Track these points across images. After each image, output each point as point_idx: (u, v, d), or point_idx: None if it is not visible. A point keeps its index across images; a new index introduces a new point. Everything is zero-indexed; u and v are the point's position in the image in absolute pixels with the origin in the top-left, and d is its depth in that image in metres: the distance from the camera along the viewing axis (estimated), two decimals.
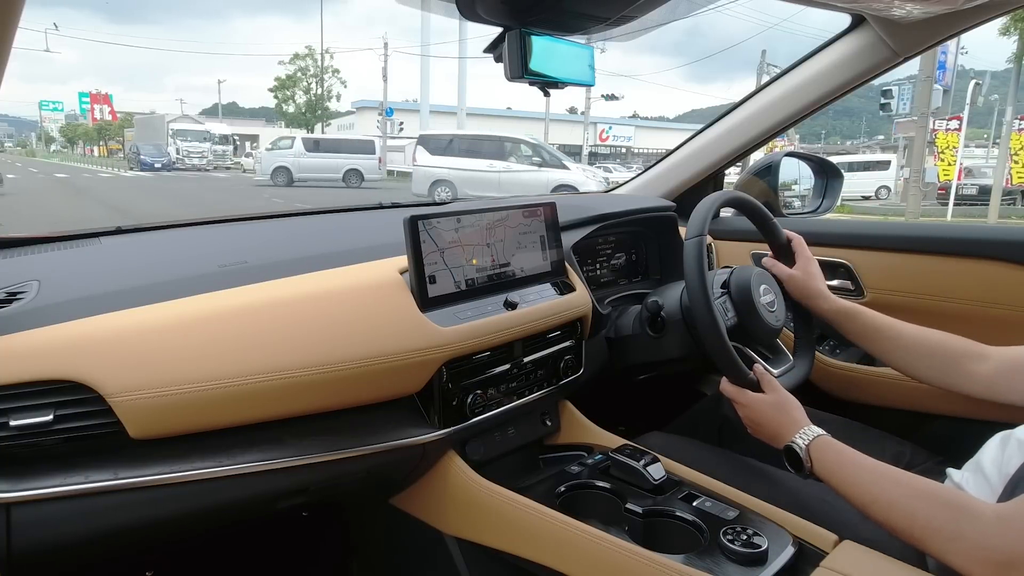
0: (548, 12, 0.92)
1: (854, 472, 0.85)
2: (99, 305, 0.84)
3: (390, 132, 32.77)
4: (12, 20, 0.59)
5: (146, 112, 59.67)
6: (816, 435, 0.90)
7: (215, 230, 1.41)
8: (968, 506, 0.75)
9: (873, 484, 0.82)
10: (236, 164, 39.08)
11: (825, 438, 0.90)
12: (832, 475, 0.87)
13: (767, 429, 0.98)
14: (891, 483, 0.81)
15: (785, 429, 0.94)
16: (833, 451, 0.88)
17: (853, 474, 0.85)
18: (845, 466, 0.86)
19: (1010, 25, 13.65)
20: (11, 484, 0.73)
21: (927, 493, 0.78)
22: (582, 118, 38.54)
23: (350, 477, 0.97)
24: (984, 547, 0.70)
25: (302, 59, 34.61)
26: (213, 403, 0.81)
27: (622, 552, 0.86)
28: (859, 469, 0.85)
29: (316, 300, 0.93)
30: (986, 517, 0.72)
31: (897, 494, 0.79)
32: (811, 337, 1.25)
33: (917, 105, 13.87)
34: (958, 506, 0.75)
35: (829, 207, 1.83)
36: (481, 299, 1.05)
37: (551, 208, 1.18)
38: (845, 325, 1.15)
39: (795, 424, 0.94)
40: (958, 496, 0.77)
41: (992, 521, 0.71)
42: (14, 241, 1.18)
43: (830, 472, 0.87)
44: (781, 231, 1.29)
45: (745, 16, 41.64)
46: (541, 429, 1.21)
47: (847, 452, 0.87)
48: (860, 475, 0.84)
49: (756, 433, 1.01)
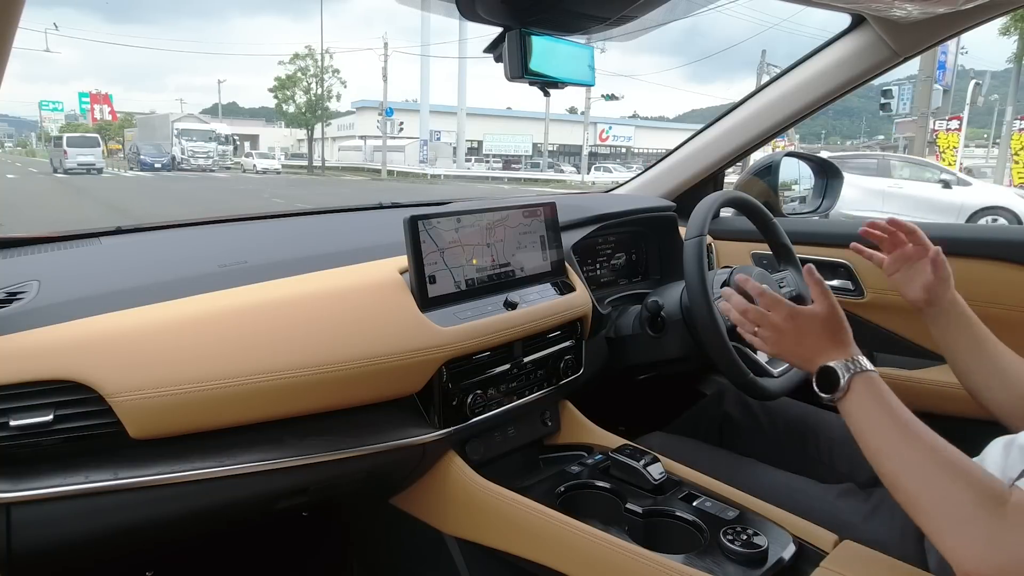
0: (548, 12, 0.92)
1: (885, 419, 0.76)
2: (99, 305, 0.84)
3: (390, 132, 32.77)
4: (12, 20, 0.59)
5: (146, 112, 59.64)
6: (866, 369, 0.80)
7: (215, 230, 1.41)
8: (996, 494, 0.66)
9: (900, 439, 0.74)
10: (236, 164, 39.12)
11: (874, 377, 0.80)
12: (860, 413, 0.78)
13: (807, 343, 0.86)
14: (920, 445, 0.72)
15: (830, 351, 0.83)
16: (875, 391, 0.79)
17: (881, 421, 0.76)
18: (879, 409, 0.77)
19: (1010, 25, 13.67)
20: (11, 484, 0.73)
21: (957, 467, 0.69)
22: (582, 118, 38.61)
23: (350, 477, 0.97)
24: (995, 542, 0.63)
25: (302, 59, 34.58)
26: (213, 403, 0.81)
27: (622, 552, 0.86)
28: (892, 419, 0.76)
29: (316, 300, 0.93)
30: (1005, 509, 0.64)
31: (919, 458, 0.71)
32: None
33: (917, 105, 13.88)
34: (984, 491, 0.66)
35: (829, 207, 1.83)
36: (481, 299, 1.05)
37: (551, 208, 1.18)
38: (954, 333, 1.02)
39: (844, 348, 0.83)
40: (990, 482, 0.68)
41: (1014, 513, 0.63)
42: (14, 241, 1.18)
43: (861, 409, 0.79)
44: (781, 231, 1.29)
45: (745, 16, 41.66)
46: (541, 429, 1.21)
47: (889, 397, 0.78)
48: (890, 425, 0.75)
49: (778, 347, 0.89)
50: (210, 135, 37.50)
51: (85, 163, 27.08)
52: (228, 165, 37.88)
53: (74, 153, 27.23)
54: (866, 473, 1.12)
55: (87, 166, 27.09)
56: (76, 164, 26.75)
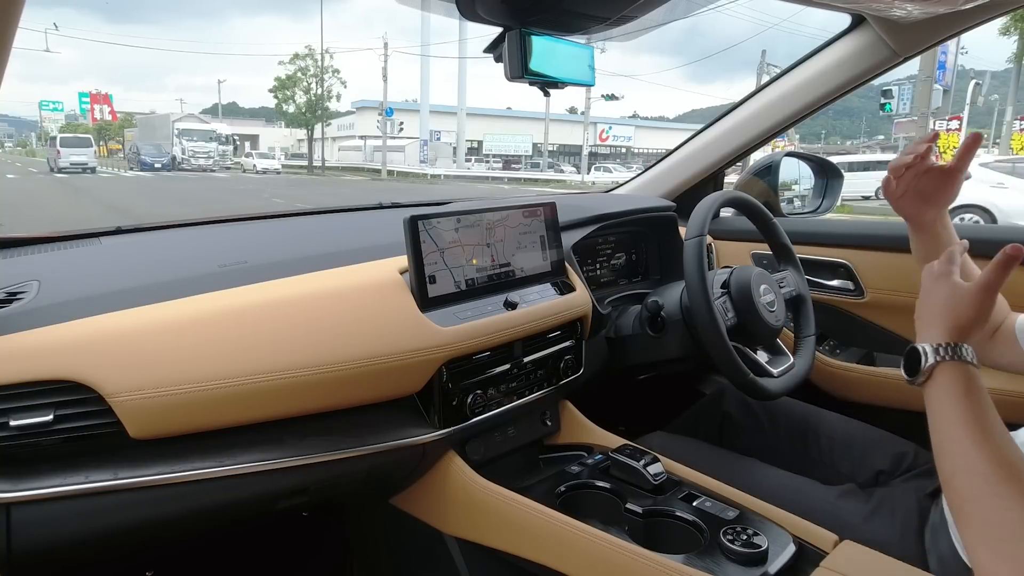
0: (548, 12, 0.92)
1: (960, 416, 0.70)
2: (99, 305, 0.84)
3: (390, 132, 32.77)
4: (12, 20, 0.59)
5: (146, 112, 59.60)
6: (961, 358, 0.72)
7: (215, 230, 1.41)
8: None
9: (968, 440, 0.67)
10: (236, 164, 39.10)
11: (965, 369, 0.72)
12: (936, 405, 0.72)
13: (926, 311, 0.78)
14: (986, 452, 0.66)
15: (937, 329, 0.75)
16: (961, 385, 0.71)
17: (954, 417, 0.70)
18: (955, 406, 0.71)
19: (1010, 25, 13.67)
20: (11, 484, 0.73)
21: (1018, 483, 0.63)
22: (582, 118, 38.61)
23: (350, 477, 0.97)
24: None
25: (302, 59, 34.58)
26: (213, 403, 0.81)
27: (622, 552, 0.86)
28: (968, 417, 0.69)
29: (316, 300, 0.93)
30: None
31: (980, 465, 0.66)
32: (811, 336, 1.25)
33: (917, 105, 13.87)
34: None
35: (829, 207, 1.84)
36: (481, 299, 1.05)
37: (551, 208, 1.18)
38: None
39: (957, 332, 0.74)
40: None
41: None
42: (14, 241, 1.18)
43: (938, 400, 0.72)
44: (781, 231, 1.29)
45: (745, 16, 41.67)
46: (541, 429, 1.21)
47: (976, 394, 0.71)
48: (962, 424, 0.69)
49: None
50: (211, 135, 37.47)
51: (78, 162, 27.91)
52: (228, 165, 37.87)
53: (67, 153, 28.18)
54: (866, 473, 1.12)
55: (80, 165, 27.87)
56: (69, 163, 27.61)
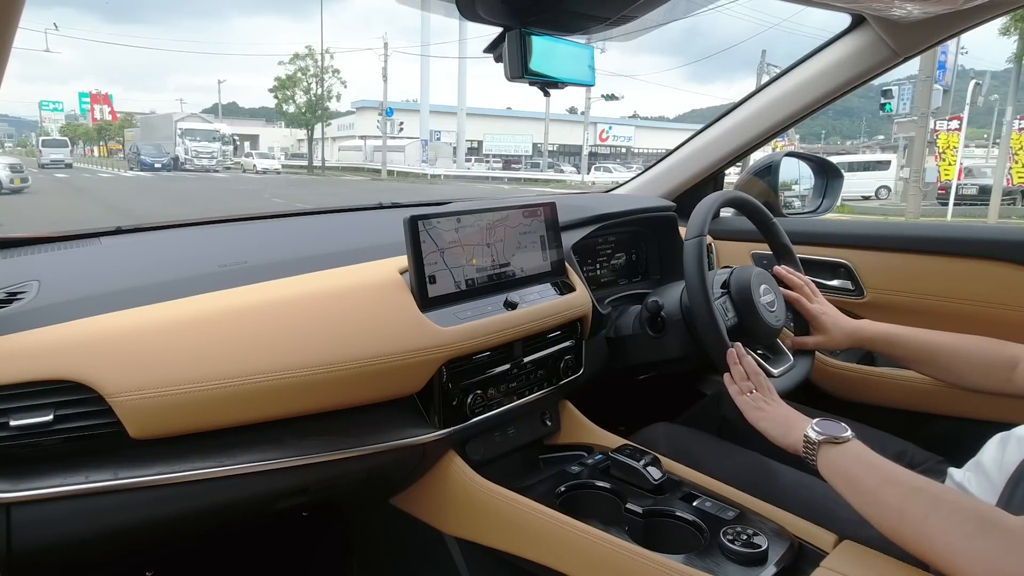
0: (548, 12, 0.92)
1: (861, 473, 0.80)
2: (99, 305, 0.84)
3: (390, 132, 32.76)
4: (12, 20, 0.59)
5: (146, 112, 59.56)
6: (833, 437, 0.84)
7: (215, 230, 1.41)
8: (994, 520, 0.69)
9: (883, 490, 0.77)
10: (236, 164, 39.10)
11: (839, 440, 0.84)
12: (836, 477, 0.83)
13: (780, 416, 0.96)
14: (904, 490, 0.75)
15: (800, 422, 0.91)
16: (842, 451, 0.83)
17: (860, 476, 0.80)
18: (851, 467, 0.81)
19: (1010, 25, 13.64)
20: (11, 484, 0.73)
21: (948, 504, 0.72)
22: (582, 118, 38.61)
23: (350, 477, 0.97)
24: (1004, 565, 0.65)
25: (302, 59, 34.58)
26: (213, 403, 0.81)
27: (622, 552, 0.86)
28: (869, 470, 0.79)
29: (316, 300, 0.93)
30: (1015, 533, 0.66)
31: (909, 504, 0.74)
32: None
33: (917, 105, 13.86)
34: (981, 519, 0.69)
35: (829, 207, 1.83)
36: (481, 299, 1.04)
37: (551, 208, 1.18)
38: (887, 351, 1.16)
39: (791, 435, 0.90)
40: (983, 510, 0.71)
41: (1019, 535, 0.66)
42: (14, 241, 1.18)
43: (833, 471, 0.83)
44: (781, 231, 1.29)
45: (745, 16, 41.66)
46: (541, 429, 1.21)
47: (858, 453, 0.82)
48: (867, 477, 0.79)
49: (761, 422, 0.97)
50: (214, 135, 37.61)
51: (56, 159, 34.71)
52: (228, 165, 37.88)
53: (47, 152, 35.17)
54: None
55: (57, 161, 34.62)
56: (49, 161, 34.23)
